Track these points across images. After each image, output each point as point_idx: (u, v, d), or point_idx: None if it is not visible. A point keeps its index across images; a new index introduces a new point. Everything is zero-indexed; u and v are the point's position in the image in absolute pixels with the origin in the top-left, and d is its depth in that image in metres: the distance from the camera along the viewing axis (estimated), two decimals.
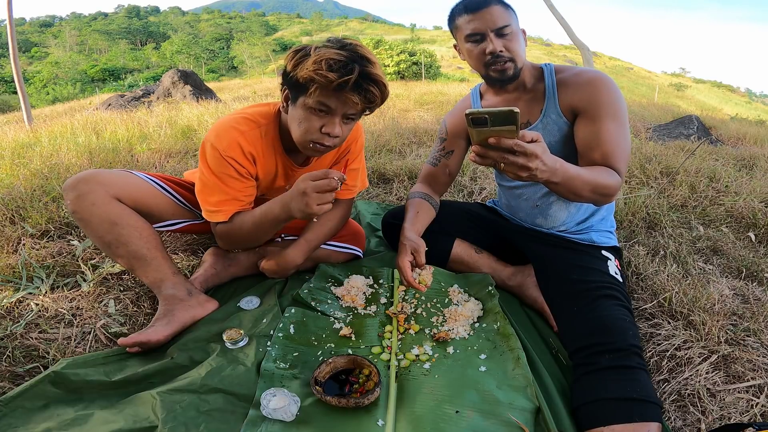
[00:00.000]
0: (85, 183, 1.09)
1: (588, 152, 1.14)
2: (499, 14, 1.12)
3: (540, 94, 1.23)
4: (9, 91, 28.00)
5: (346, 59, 1.00)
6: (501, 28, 1.12)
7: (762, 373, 1.05)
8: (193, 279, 1.28)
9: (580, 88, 1.16)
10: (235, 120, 1.16)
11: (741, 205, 2.04)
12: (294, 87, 1.06)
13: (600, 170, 1.06)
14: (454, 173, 1.45)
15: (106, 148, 2.90)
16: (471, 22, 1.14)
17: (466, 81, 17.29)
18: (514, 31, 1.14)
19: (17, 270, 1.34)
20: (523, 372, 0.98)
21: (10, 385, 0.95)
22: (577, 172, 0.97)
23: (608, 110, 1.12)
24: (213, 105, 5.57)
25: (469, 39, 1.16)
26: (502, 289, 1.35)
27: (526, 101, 1.25)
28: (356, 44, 1.04)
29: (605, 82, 1.14)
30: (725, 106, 32.44)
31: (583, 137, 1.15)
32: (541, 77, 1.24)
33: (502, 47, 1.14)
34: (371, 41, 19.48)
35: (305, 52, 1.02)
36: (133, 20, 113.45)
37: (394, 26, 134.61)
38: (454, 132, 1.42)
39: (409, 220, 1.31)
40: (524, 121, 1.26)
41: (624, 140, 1.12)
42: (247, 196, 1.19)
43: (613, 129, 1.11)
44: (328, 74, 0.98)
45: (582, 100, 1.15)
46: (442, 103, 6.07)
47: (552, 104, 1.21)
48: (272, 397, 0.90)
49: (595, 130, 1.12)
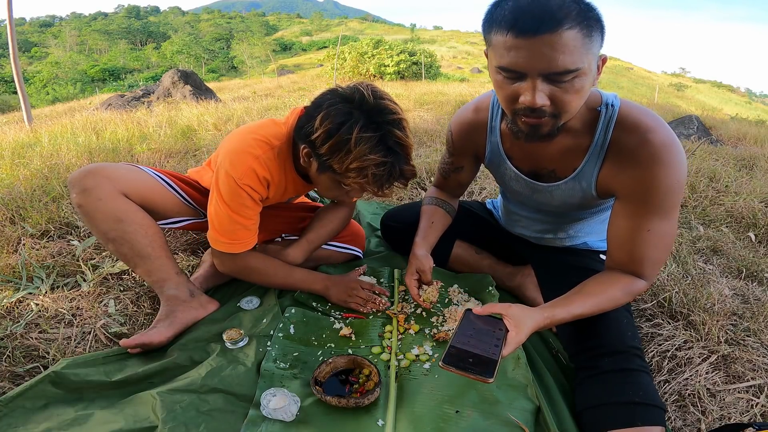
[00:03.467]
0: (92, 177, 1.06)
1: (616, 249, 0.93)
2: (566, 49, 0.71)
3: (583, 146, 0.93)
4: (9, 91, 27.99)
5: (389, 166, 0.99)
6: (561, 73, 0.73)
7: (762, 373, 1.05)
8: (193, 279, 1.28)
9: (634, 171, 0.86)
10: (248, 145, 1.09)
11: (741, 205, 2.04)
12: (325, 165, 1.03)
13: (612, 290, 0.90)
14: (467, 183, 1.33)
15: (106, 148, 2.89)
16: (512, 51, 0.74)
17: (466, 81, 17.29)
18: (582, 73, 0.75)
19: (17, 270, 1.34)
20: (523, 372, 0.98)
21: (10, 385, 0.95)
22: (573, 314, 0.87)
23: (661, 205, 0.86)
24: (213, 105, 5.57)
25: (500, 71, 0.79)
26: (501, 289, 1.35)
27: (564, 147, 0.96)
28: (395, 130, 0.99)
29: (671, 162, 0.83)
30: (725, 106, 32.45)
31: (617, 231, 0.92)
32: (594, 124, 0.91)
33: (547, 101, 0.77)
34: (371, 41, 19.47)
35: (342, 140, 0.96)
36: (133, 20, 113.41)
37: (394, 26, 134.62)
38: (461, 148, 1.21)
39: (421, 232, 1.26)
40: (549, 168, 1.02)
41: (667, 240, 0.89)
42: (254, 225, 1.17)
43: (657, 229, 0.87)
44: (371, 187, 1.02)
45: (630, 187, 0.88)
46: (442, 104, 6.06)
47: (590, 169, 0.94)
48: (272, 397, 0.90)
49: (634, 226, 0.89)
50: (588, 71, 0.76)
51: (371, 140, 0.97)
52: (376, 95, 1.00)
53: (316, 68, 28.87)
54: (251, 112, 4.79)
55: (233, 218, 1.10)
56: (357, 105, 0.99)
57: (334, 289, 1.25)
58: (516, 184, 1.12)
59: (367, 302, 1.24)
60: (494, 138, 1.10)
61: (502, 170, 1.13)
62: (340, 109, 0.98)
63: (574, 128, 0.93)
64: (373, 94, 1.00)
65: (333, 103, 1.00)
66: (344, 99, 1.00)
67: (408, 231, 1.34)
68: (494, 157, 1.13)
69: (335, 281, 1.27)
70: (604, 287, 0.91)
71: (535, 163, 1.05)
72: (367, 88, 1.00)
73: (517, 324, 0.82)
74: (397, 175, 1.03)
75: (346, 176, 1.01)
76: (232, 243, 1.13)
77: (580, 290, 0.92)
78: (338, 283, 1.26)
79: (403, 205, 1.70)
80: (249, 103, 5.96)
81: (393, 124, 0.99)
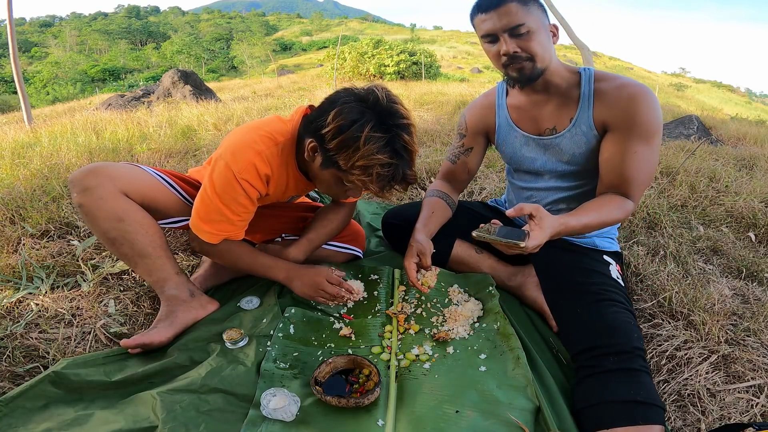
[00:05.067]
0: (94, 176, 1.06)
1: (607, 173, 1.11)
2: (512, 13, 1.06)
3: (573, 100, 1.17)
4: (9, 91, 27.98)
5: (394, 168, 1.01)
6: (514, 27, 1.06)
7: (762, 373, 1.05)
8: (193, 279, 1.29)
9: (619, 104, 1.10)
10: (252, 140, 1.10)
11: (741, 205, 2.04)
12: (331, 161, 1.04)
13: (609, 206, 1.07)
14: (474, 171, 1.44)
15: (106, 148, 2.90)
16: (484, 22, 1.10)
17: (466, 81, 17.28)
18: (531, 29, 1.07)
19: (17, 270, 1.34)
20: (523, 372, 0.98)
21: (10, 385, 0.95)
22: (582, 222, 1.02)
23: (642, 131, 1.07)
24: (213, 105, 5.57)
25: (484, 39, 1.13)
26: (501, 289, 1.35)
27: (555, 105, 1.20)
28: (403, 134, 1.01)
29: (647, 99, 1.08)
30: (725, 106, 32.42)
31: (608, 156, 1.11)
32: (578, 83, 1.17)
33: (517, 48, 1.08)
34: (371, 41, 19.45)
35: (352, 137, 0.98)
36: (133, 20, 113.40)
37: (394, 26, 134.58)
38: (474, 128, 1.38)
39: (422, 220, 1.31)
40: (550, 126, 1.22)
41: (649, 166, 1.09)
42: (242, 221, 1.16)
43: (641, 152, 1.08)
44: (374, 186, 1.03)
45: (617, 117, 1.10)
46: (442, 104, 6.06)
47: (585, 114, 1.15)
48: (272, 397, 0.90)
49: (622, 150, 1.09)
50: (536, 28, 1.08)
51: (380, 141, 0.98)
52: (390, 99, 1.02)
53: (316, 68, 28.84)
54: (251, 112, 4.80)
55: (221, 210, 1.10)
56: (371, 106, 1.00)
57: (297, 281, 1.21)
58: (527, 149, 1.29)
59: (335, 298, 1.21)
60: (502, 113, 1.32)
61: (512, 139, 1.31)
62: (354, 107, 1.00)
63: (561, 88, 1.18)
64: (387, 97, 1.02)
65: (347, 101, 1.01)
66: (359, 99, 1.02)
67: (409, 229, 1.34)
68: (504, 130, 1.33)
69: (299, 273, 1.22)
70: (602, 204, 1.09)
71: (538, 125, 1.25)
72: (382, 91, 1.02)
73: (540, 224, 0.94)
74: (400, 179, 1.04)
75: (351, 173, 1.02)
76: (213, 233, 1.13)
77: (583, 207, 1.08)
78: (302, 276, 1.21)
79: (405, 204, 1.71)
80: (249, 103, 5.96)
81: (402, 128, 1.01)
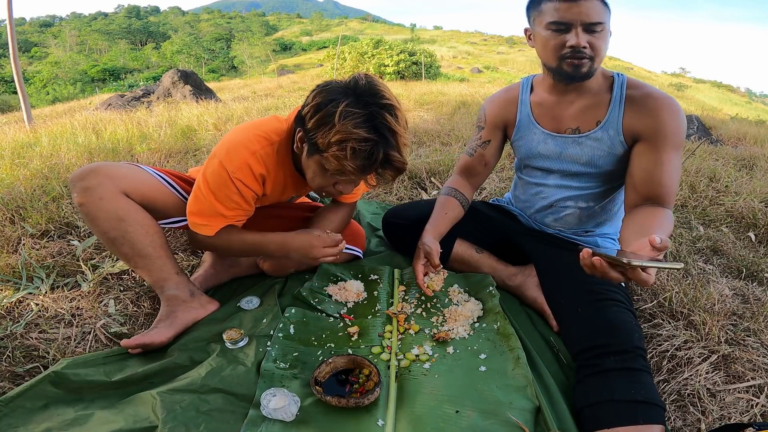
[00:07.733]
0: (94, 176, 1.06)
1: (644, 184, 1.09)
2: (596, 9, 1.04)
3: (603, 103, 1.16)
4: (9, 91, 27.95)
5: (372, 144, 0.96)
6: (593, 24, 1.05)
7: (762, 373, 1.05)
8: (193, 279, 1.28)
9: (649, 114, 1.10)
10: (248, 139, 1.11)
11: (741, 205, 2.04)
12: (312, 144, 1.02)
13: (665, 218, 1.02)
14: (491, 165, 1.42)
15: (106, 148, 2.89)
16: (560, 11, 1.05)
17: (466, 81, 17.28)
18: (605, 30, 1.07)
19: (17, 270, 1.34)
20: (523, 372, 0.98)
21: (10, 385, 0.95)
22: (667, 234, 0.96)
23: (673, 141, 1.08)
24: (213, 105, 5.57)
25: (551, 26, 1.08)
26: (502, 289, 1.35)
27: (583, 106, 1.18)
28: (384, 113, 0.97)
29: (674, 108, 1.09)
30: (725, 106, 32.39)
31: (644, 166, 1.10)
32: (610, 87, 1.17)
33: (587, 44, 1.06)
34: (371, 41, 19.45)
35: (328, 113, 0.96)
36: (133, 20, 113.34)
37: (394, 26, 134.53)
38: (493, 121, 1.36)
39: (432, 221, 1.32)
40: (573, 126, 1.21)
41: (679, 173, 1.10)
42: (235, 217, 1.16)
43: (674, 161, 1.08)
44: (351, 163, 0.97)
45: (648, 127, 1.10)
46: (442, 104, 6.06)
47: (614, 119, 1.14)
48: (272, 397, 0.90)
49: (656, 161, 1.08)
50: (607, 30, 1.08)
51: (357, 116, 0.96)
52: (371, 82, 1.01)
53: (316, 68, 28.83)
54: (251, 112, 4.79)
55: (215, 206, 1.11)
56: (351, 87, 1.00)
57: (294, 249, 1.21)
58: (544, 146, 1.27)
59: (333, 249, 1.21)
60: (525, 108, 1.30)
61: (530, 136, 1.29)
62: (333, 88, 1.01)
63: (593, 90, 1.17)
64: (367, 79, 1.01)
65: (328, 83, 1.03)
66: (340, 84, 1.02)
67: (411, 228, 1.34)
68: (524, 125, 1.31)
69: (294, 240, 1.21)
70: (654, 214, 1.02)
71: (560, 124, 1.23)
72: (364, 77, 1.02)
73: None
74: (382, 159, 0.99)
75: (328, 151, 0.98)
76: (210, 226, 1.14)
77: (644, 222, 1.00)
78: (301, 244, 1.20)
79: (407, 203, 1.71)
80: (249, 103, 5.95)
81: (383, 107, 0.98)
